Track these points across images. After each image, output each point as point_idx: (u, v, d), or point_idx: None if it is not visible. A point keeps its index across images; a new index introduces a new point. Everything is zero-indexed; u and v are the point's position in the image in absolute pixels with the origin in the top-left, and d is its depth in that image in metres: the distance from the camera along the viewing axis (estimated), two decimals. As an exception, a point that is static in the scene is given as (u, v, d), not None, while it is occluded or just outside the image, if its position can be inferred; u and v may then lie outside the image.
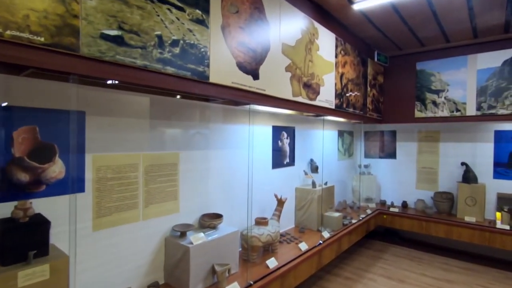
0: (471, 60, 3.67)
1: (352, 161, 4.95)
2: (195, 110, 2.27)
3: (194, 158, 2.29)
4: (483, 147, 4.03)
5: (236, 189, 2.64)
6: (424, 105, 4.02)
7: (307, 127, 3.71)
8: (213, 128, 2.42)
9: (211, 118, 2.40)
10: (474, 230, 3.67)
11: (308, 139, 3.75)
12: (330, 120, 4.06)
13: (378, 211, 4.40)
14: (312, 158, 3.75)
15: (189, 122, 2.24)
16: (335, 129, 4.38)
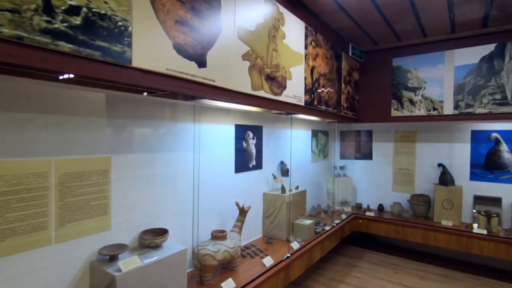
0: (448, 56, 3.48)
1: (327, 162, 4.69)
2: (131, 105, 1.87)
3: (133, 162, 1.90)
4: (460, 147, 3.86)
5: (189, 199, 2.26)
6: (400, 104, 3.80)
7: (278, 126, 3.38)
8: (157, 127, 2.03)
9: (155, 115, 2.01)
10: (451, 235, 3.48)
11: (279, 140, 3.42)
12: (303, 119, 3.75)
13: (353, 215, 4.15)
14: (282, 161, 3.43)
15: (125, 120, 1.84)
16: (309, 129, 4.09)
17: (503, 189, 3.62)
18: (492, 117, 3.25)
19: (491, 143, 3.67)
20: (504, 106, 3.17)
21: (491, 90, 3.24)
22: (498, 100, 3.21)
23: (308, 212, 4.03)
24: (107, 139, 1.75)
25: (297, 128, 3.77)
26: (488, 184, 3.71)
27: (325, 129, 4.58)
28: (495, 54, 3.22)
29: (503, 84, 3.18)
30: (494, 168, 3.66)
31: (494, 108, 3.22)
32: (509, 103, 3.15)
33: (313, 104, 2.87)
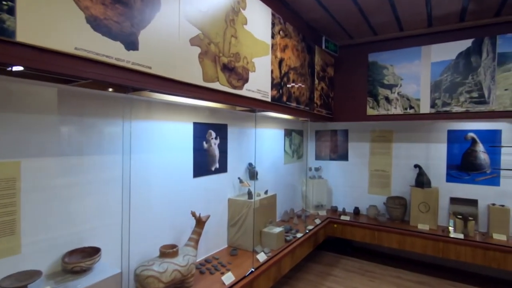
0: (424, 52, 3.31)
1: (302, 163, 4.44)
2: (49, 96, 1.51)
3: (52, 168, 1.54)
4: (437, 148, 3.72)
5: (133, 210, 1.92)
6: (376, 102, 3.61)
7: (246, 125, 3.09)
8: (85, 124, 1.68)
9: (82, 109, 1.66)
10: (427, 240, 3.32)
11: (247, 140, 3.13)
12: (274, 117, 3.48)
13: (328, 219, 3.93)
14: (251, 163, 3.13)
15: (41, 115, 1.48)
16: (281, 128, 3.82)
17: (479, 191, 3.50)
18: (469, 116, 3.11)
19: (467, 143, 3.55)
20: (481, 104, 3.03)
21: (468, 88, 3.09)
22: (475, 99, 3.06)
23: (280, 217, 3.77)
24: (14, 140, 1.39)
25: (267, 127, 3.49)
26: (464, 186, 3.58)
27: (300, 128, 4.33)
28: (472, 50, 3.08)
29: (480, 81, 3.04)
30: (470, 169, 3.54)
31: (471, 107, 3.08)
32: (486, 101, 3.01)
33: (282, 101, 2.60)
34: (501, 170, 3.38)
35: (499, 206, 3.30)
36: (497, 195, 3.41)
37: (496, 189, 3.42)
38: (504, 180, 3.38)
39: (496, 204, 3.35)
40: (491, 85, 2.99)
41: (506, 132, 3.36)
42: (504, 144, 3.36)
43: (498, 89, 2.96)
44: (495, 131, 3.41)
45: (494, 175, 3.43)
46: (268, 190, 3.09)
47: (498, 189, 3.41)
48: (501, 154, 3.39)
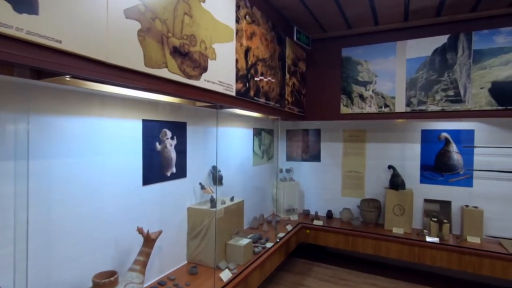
0: (400, 47, 3.14)
1: (272, 165, 4.16)
2: None
3: None
4: (411, 148, 3.60)
5: (58, 229, 1.50)
6: (350, 99, 3.40)
7: (210, 123, 2.73)
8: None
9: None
10: (403, 245, 3.16)
11: (212, 140, 2.77)
12: (242, 115, 3.15)
13: (300, 225, 3.68)
14: (215, 166, 2.78)
15: None
16: (250, 127, 3.50)
17: (452, 192, 3.41)
18: (445, 115, 2.98)
19: (441, 143, 3.45)
20: (457, 103, 2.91)
21: (444, 86, 2.96)
22: (451, 97, 2.93)
23: (249, 224, 3.46)
24: None
25: (234, 125, 3.15)
26: (438, 187, 3.48)
27: (270, 127, 4.04)
28: (448, 47, 2.95)
29: (456, 79, 2.91)
30: (444, 169, 3.44)
31: (447, 106, 2.95)
32: (462, 100, 2.89)
33: (249, 96, 2.27)
34: (474, 171, 3.30)
35: (472, 207, 3.22)
36: (470, 196, 3.33)
37: (469, 190, 3.34)
38: (477, 181, 3.30)
39: (469, 205, 3.27)
40: (467, 83, 2.87)
41: (478, 132, 3.29)
42: (476, 145, 3.29)
43: (474, 87, 2.85)
44: (468, 131, 3.33)
45: (467, 176, 3.35)
46: (234, 196, 2.75)
47: (471, 190, 3.33)
48: (474, 154, 3.31)
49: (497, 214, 3.21)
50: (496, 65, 2.77)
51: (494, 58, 2.77)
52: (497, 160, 3.20)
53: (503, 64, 2.74)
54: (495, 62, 2.77)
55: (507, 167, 3.16)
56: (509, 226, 3.17)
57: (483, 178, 3.27)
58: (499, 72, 2.76)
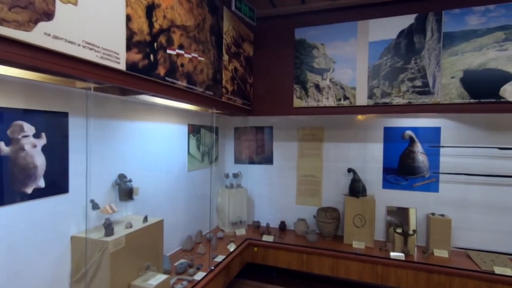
0: (361, 28, 2.64)
1: (216, 169, 3.48)
2: None
3: None
4: (372, 148, 3.13)
5: None
6: (305, 90, 2.83)
7: (114, 114, 1.98)
8: None
9: None
10: (364, 264, 2.66)
11: (121, 138, 2.03)
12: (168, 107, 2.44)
13: (247, 241, 3.04)
14: (122, 174, 2.03)
15: None
16: (183, 123, 2.80)
17: (417, 198, 3.00)
18: (411, 110, 2.52)
19: (405, 143, 3.02)
20: (425, 95, 2.46)
21: (410, 75, 2.50)
22: (418, 88, 2.48)
23: (182, 246, 2.75)
24: None
25: (155, 120, 2.42)
26: (401, 193, 3.05)
27: (213, 124, 3.36)
28: (415, 28, 2.49)
29: (424, 67, 2.46)
30: (408, 173, 3.02)
31: (414, 98, 2.49)
32: (430, 91, 2.45)
33: (155, 74, 1.57)
34: (440, 174, 2.91)
35: (439, 216, 2.82)
36: (436, 202, 2.94)
37: (435, 195, 2.94)
38: (443, 185, 2.92)
39: (435, 213, 2.87)
40: (436, 72, 2.43)
41: (445, 130, 2.90)
42: (443, 144, 2.90)
43: (443, 76, 2.42)
44: (434, 129, 2.93)
45: (433, 179, 2.95)
46: (148, 216, 2.02)
47: (437, 196, 2.94)
48: (440, 155, 2.92)
49: (464, 222, 2.84)
50: (468, 51, 2.35)
51: (466, 43, 2.36)
52: (465, 161, 2.83)
53: (476, 49, 2.33)
54: (468, 47, 2.35)
55: (475, 169, 2.80)
56: (477, 236, 2.82)
57: (450, 182, 2.89)
58: (471, 59, 2.34)
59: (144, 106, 2.24)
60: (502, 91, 2.27)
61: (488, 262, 2.54)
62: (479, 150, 2.77)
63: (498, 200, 2.75)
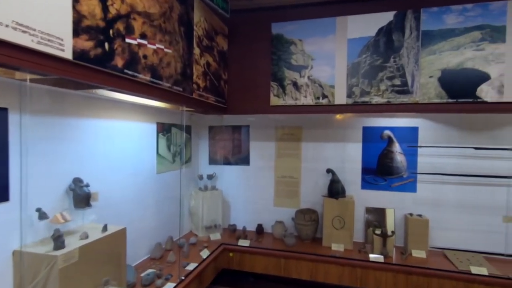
0: (340, 24, 2.55)
1: (190, 171, 3.30)
2: None
3: None
4: (351, 148, 3.07)
5: None
6: (282, 88, 2.71)
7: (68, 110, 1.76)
8: None
9: None
10: (343, 267, 2.59)
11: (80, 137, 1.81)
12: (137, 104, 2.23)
13: (222, 246, 2.89)
14: (78, 178, 1.81)
15: None
16: (151, 121, 2.59)
17: (395, 198, 2.96)
18: (390, 109, 2.46)
19: (384, 142, 2.98)
20: (404, 94, 2.41)
21: (389, 73, 2.44)
22: (397, 87, 2.42)
23: (150, 254, 2.55)
24: None
25: (119, 117, 2.20)
26: (380, 193, 3.01)
27: (186, 123, 3.17)
28: (394, 26, 2.43)
29: (403, 65, 2.41)
30: (387, 173, 2.98)
31: (393, 97, 2.43)
32: (409, 90, 2.39)
33: (111, 65, 1.38)
34: (418, 174, 2.89)
35: (416, 216, 2.80)
36: (414, 202, 2.92)
37: (413, 195, 2.92)
38: (421, 185, 2.90)
39: (413, 213, 2.84)
40: (414, 71, 2.38)
41: (422, 130, 2.88)
42: (420, 144, 2.87)
43: (422, 75, 2.37)
44: (412, 129, 2.90)
45: (410, 179, 2.93)
46: (108, 224, 1.82)
47: (415, 196, 2.92)
48: (418, 155, 2.90)
49: (441, 222, 2.83)
50: (446, 50, 2.32)
51: (444, 42, 2.32)
52: (442, 161, 2.83)
53: (453, 49, 2.30)
54: (445, 47, 2.32)
55: (451, 169, 2.79)
56: (453, 235, 2.82)
57: (427, 182, 2.88)
58: (449, 58, 2.31)
59: (106, 103, 2.03)
60: (478, 91, 2.25)
61: (464, 262, 2.53)
62: (456, 150, 2.77)
63: (473, 199, 2.76)
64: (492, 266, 2.45)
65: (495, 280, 2.26)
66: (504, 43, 2.18)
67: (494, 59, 2.20)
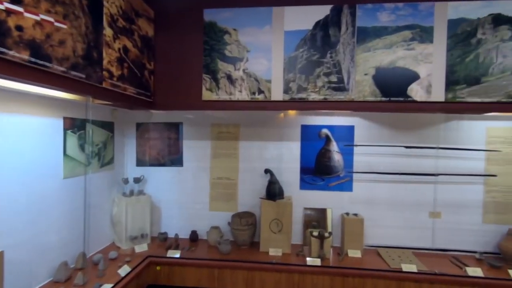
0: (276, 15, 2.39)
1: (111, 173, 2.86)
2: None
3: None
4: (290, 147, 2.95)
5: None
6: (215, 81, 2.46)
7: None
8: None
9: None
10: (280, 274, 2.44)
11: None
12: (33, 94, 1.78)
13: (149, 259, 2.54)
14: None
15: None
16: (57, 116, 2.13)
17: (332, 198, 2.92)
18: (327, 106, 2.37)
19: (322, 141, 2.91)
20: (341, 92, 2.34)
21: (326, 69, 2.35)
22: (334, 84, 2.34)
23: (53, 276, 2.10)
24: None
25: (8, 110, 1.74)
26: (318, 193, 2.94)
27: (106, 118, 2.74)
28: (330, 20, 2.34)
29: (339, 61, 2.33)
30: (325, 172, 2.92)
31: (330, 94, 2.35)
32: (345, 88, 2.33)
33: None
34: (354, 174, 2.88)
35: (352, 215, 2.78)
36: (350, 201, 2.90)
37: (350, 195, 2.91)
38: (357, 184, 2.90)
39: (349, 213, 2.83)
40: (350, 68, 2.32)
41: (358, 128, 2.88)
42: (356, 143, 2.87)
43: (357, 73, 2.32)
44: (348, 127, 2.88)
45: (347, 179, 2.91)
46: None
47: (351, 195, 2.90)
48: (354, 154, 2.89)
49: (375, 220, 2.86)
50: (380, 48, 2.30)
51: (378, 39, 2.30)
52: (375, 160, 2.85)
53: (386, 47, 2.29)
54: (379, 44, 2.30)
55: (384, 167, 2.83)
56: (386, 233, 2.87)
57: (362, 180, 2.89)
58: (383, 56, 2.30)
59: None
60: (409, 90, 2.27)
61: (396, 259, 2.56)
62: (388, 149, 2.81)
63: (404, 197, 2.84)
64: (420, 262, 2.51)
65: (423, 277, 2.30)
66: (432, 43, 2.22)
67: (423, 59, 2.24)
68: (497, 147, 2.73)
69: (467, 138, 2.75)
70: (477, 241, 2.76)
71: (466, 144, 2.74)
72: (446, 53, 2.22)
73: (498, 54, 2.18)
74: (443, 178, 2.76)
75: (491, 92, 2.19)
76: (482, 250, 2.72)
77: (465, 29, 2.20)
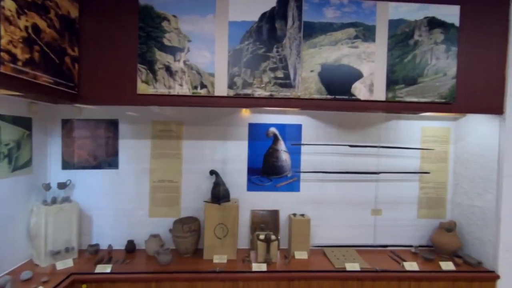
0: (220, 3, 2.22)
1: (29, 178, 2.44)
2: None
3: None
4: (237, 147, 2.80)
5: None
6: (152, 73, 2.21)
7: None
8: None
9: None
10: (224, 282, 2.27)
11: None
12: None
13: (72, 277, 2.19)
14: None
15: None
16: None
17: (281, 199, 2.84)
18: (274, 103, 2.27)
19: (269, 140, 2.82)
20: (287, 88, 2.25)
21: (272, 64, 2.24)
22: (280, 79, 2.25)
23: None
24: None
25: None
26: (266, 194, 2.84)
27: (20, 113, 2.32)
28: (277, 13, 2.24)
29: (285, 56, 2.24)
30: (272, 173, 2.83)
31: (276, 91, 2.25)
32: (291, 84, 2.25)
33: None
34: (301, 173, 2.83)
35: (299, 216, 2.72)
36: (298, 202, 2.85)
37: (297, 195, 2.85)
38: (304, 184, 2.85)
39: (296, 213, 2.77)
40: (296, 64, 2.25)
41: (306, 127, 2.84)
42: (304, 142, 2.82)
43: (304, 69, 2.25)
44: (296, 126, 2.83)
45: (294, 179, 2.85)
46: None
47: (298, 195, 2.85)
48: (301, 153, 2.84)
49: (321, 220, 2.84)
50: (326, 44, 2.26)
51: (323, 35, 2.26)
52: (322, 159, 2.84)
53: (332, 44, 2.26)
54: (325, 41, 2.26)
55: (330, 167, 2.83)
56: (331, 232, 2.87)
57: (310, 180, 2.85)
58: (328, 53, 2.26)
59: None
60: (353, 89, 2.26)
61: (340, 259, 2.55)
62: (334, 147, 2.81)
63: (348, 195, 2.86)
64: (363, 260, 2.54)
65: (366, 275, 2.31)
66: (374, 42, 2.24)
67: (366, 58, 2.25)
68: (430, 146, 2.88)
69: (404, 137, 2.87)
70: (413, 236, 2.90)
71: (404, 143, 2.86)
72: (387, 53, 2.25)
73: (432, 56, 2.28)
74: (384, 176, 2.84)
75: (426, 93, 2.28)
76: (418, 244, 2.86)
77: (404, 30, 2.26)
